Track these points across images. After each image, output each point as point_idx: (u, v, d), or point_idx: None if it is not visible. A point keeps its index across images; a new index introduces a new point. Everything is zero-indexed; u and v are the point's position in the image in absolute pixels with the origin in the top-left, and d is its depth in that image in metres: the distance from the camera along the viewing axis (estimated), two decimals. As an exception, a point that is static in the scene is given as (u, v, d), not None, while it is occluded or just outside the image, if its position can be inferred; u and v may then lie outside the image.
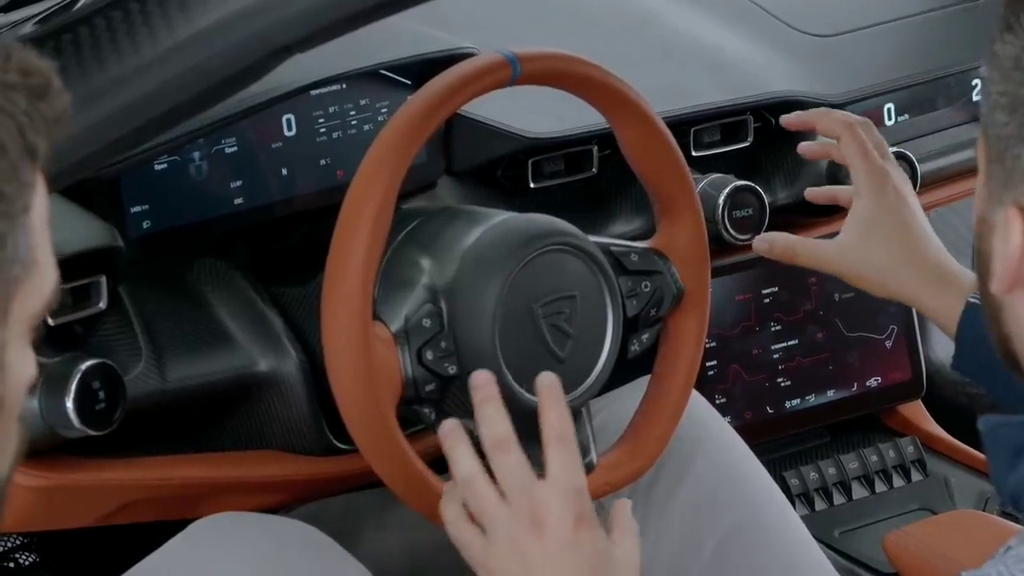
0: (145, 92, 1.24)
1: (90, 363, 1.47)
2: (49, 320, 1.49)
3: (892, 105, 2.09)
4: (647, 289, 1.58)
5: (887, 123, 2.08)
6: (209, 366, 1.61)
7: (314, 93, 1.71)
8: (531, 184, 1.86)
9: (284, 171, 1.71)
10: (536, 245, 1.50)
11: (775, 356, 2.04)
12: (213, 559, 1.52)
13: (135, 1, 1.27)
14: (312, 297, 1.55)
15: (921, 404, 2.17)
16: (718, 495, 1.65)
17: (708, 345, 1.84)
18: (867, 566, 1.95)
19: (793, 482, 2.03)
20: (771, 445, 2.06)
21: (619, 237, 1.74)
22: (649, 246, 1.61)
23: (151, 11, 1.26)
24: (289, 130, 1.71)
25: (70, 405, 1.46)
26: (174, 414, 1.61)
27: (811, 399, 2.08)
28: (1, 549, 2.06)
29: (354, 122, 1.74)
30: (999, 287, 1.04)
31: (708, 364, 1.99)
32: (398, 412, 1.45)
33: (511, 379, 1.47)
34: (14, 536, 2.04)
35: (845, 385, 2.09)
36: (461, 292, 1.48)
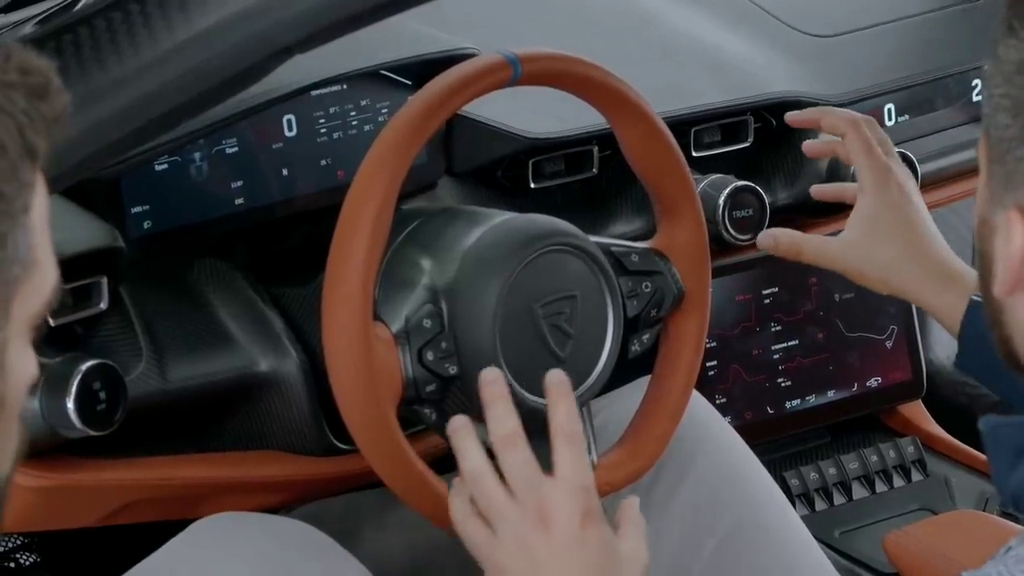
0: (145, 93, 1.24)
1: (91, 363, 1.47)
2: (50, 320, 1.49)
3: (892, 105, 2.09)
4: (647, 289, 1.58)
5: (887, 123, 2.08)
6: (210, 366, 1.61)
7: (315, 93, 1.71)
8: (531, 184, 1.86)
9: (285, 171, 1.71)
10: (537, 245, 1.50)
11: (775, 356, 2.04)
12: (214, 559, 1.52)
13: (135, 2, 1.27)
14: (313, 297, 1.55)
15: (921, 404, 2.17)
16: (718, 495, 1.65)
17: (708, 345, 1.84)
18: (867, 566, 1.95)
19: (793, 482, 2.03)
20: (771, 445, 2.06)
21: (620, 237, 1.74)
22: (650, 246, 1.60)
23: (151, 12, 1.26)
24: (290, 130, 1.71)
25: (71, 405, 1.46)
26: (175, 414, 1.61)
27: (811, 399, 2.08)
28: (2, 549, 2.06)
29: (355, 122, 1.74)
30: (1001, 290, 1.04)
31: (708, 364, 1.99)
32: (399, 412, 1.45)
33: (512, 379, 1.46)
34: (15, 536, 2.04)
35: (845, 385, 2.09)
36: (462, 292, 1.48)
